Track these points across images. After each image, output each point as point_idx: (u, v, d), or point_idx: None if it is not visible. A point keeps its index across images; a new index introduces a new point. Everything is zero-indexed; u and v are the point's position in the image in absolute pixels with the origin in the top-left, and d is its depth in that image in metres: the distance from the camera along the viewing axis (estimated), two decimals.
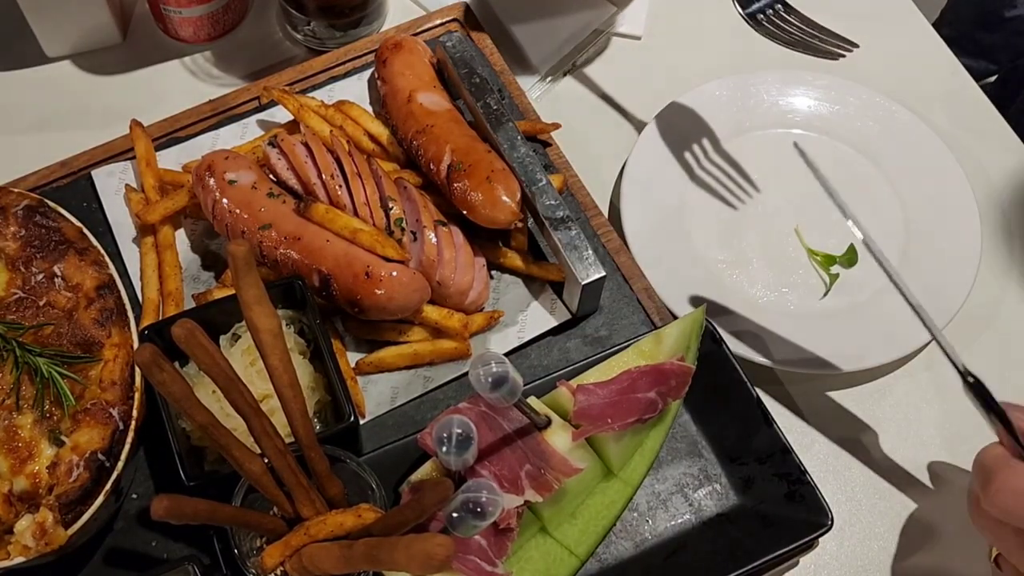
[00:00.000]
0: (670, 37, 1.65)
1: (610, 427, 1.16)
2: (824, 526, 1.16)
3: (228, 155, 1.31)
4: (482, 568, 1.10)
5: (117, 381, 1.17)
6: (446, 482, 0.93)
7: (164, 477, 1.21)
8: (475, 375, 1.02)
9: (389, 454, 1.19)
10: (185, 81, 1.57)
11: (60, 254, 1.25)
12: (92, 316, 1.21)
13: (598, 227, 1.40)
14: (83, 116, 1.52)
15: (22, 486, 1.11)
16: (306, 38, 1.58)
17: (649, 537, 1.21)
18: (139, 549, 1.18)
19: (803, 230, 1.46)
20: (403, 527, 0.98)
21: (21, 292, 1.21)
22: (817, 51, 1.36)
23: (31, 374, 1.15)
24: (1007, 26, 2.40)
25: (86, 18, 1.52)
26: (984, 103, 1.62)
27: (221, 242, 1.36)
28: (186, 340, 0.97)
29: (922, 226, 1.45)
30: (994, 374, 1.38)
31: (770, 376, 1.35)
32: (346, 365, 1.26)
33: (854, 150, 1.52)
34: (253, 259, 1.00)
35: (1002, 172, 1.54)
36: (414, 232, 1.27)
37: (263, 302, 1.00)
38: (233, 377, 0.99)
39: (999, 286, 1.45)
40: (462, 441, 1.02)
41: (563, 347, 1.32)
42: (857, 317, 1.38)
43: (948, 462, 1.32)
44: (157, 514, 0.92)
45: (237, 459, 1.01)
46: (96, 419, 1.14)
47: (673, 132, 1.51)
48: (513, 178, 1.29)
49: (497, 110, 1.36)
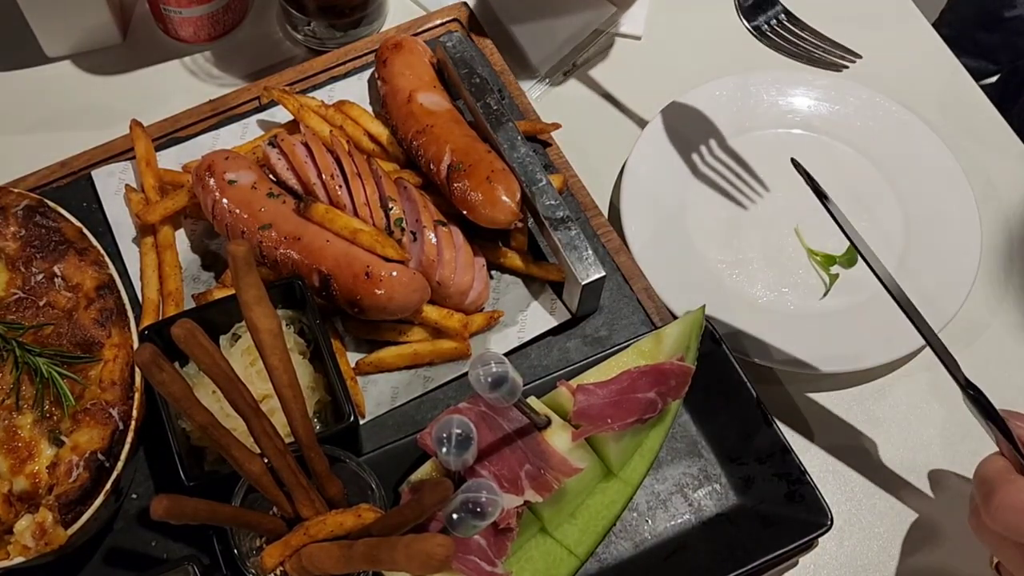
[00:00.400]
0: (670, 37, 1.65)
1: (610, 427, 1.16)
2: (824, 526, 1.16)
3: (228, 155, 1.31)
4: (482, 568, 1.10)
5: (117, 381, 1.17)
6: (446, 482, 0.93)
7: (164, 477, 1.21)
8: (475, 375, 1.02)
9: (389, 454, 1.19)
10: (185, 81, 1.57)
11: (60, 254, 1.25)
12: (92, 316, 1.21)
13: (598, 227, 1.39)
14: (83, 116, 1.52)
15: (22, 486, 1.11)
16: (306, 38, 1.58)
17: (649, 537, 1.21)
18: (139, 549, 1.18)
19: (803, 230, 1.46)
20: (403, 527, 0.98)
21: (21, 292, 1.21)
22: (820, 63, 1.36)
23: (31, 374, 1.15)
24: (1007, 26, 2.40)
25: (86, 18, 1.52)
26: (984, 103, 1.62)
27: (221, 242, 1.36)
28: (186, 340, 0.97)
29: (922, 226, 1.45)
30: (994, 374, 1.38)
31: (770, 376, 1.35)
32: (346, 365, 1.26)
33: (854, 150, 1.52)
34: (253, 259, 1.00)
35: (1002, 172, 1.54)
36: (414, 232, 1.27)
37: (263, 302, 1.00)
38: (233, 377, 0.99)
39: (999, 286, 1.45)
40: (462, 441, 1.02)
41: (563, 347, 1.32)
42: (857, 317, 1.38)
43: (948, 462, 1.32)
44: (157, 514, 0.92)
45: (237, 459, 1.01)
46: (96, 419, 1.14)
47: (673, 132, 1.51)
48: (513, 178, 1.29)
49: (497, 110, 1.36)
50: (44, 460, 1.12)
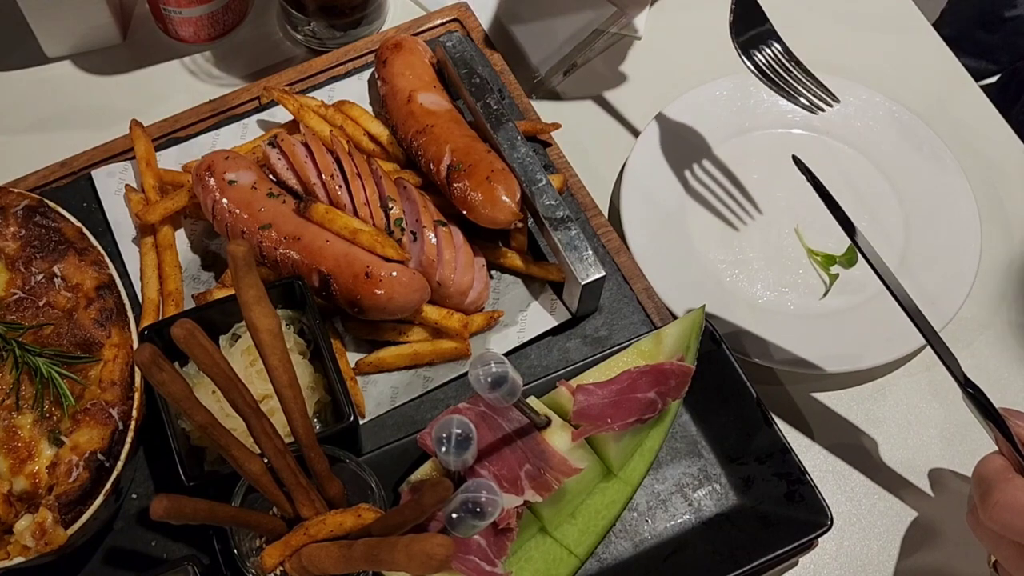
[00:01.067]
0: (670, 37, 1.65)
1: (610, 427, 1.16)
2: (824, 526, 1.16)
3: (228, 155, 1.31)
4: (482, 568, 1.10)
5: (117, 381, 1.17)
6: (445, 482, 0.93)
7: (164, 477, 1.21)
8: (475, 375, 1.02)
9: (389, 454, 1.19)
10: (185, 81, 1.57)
11: (60, 254, 1.25)
12: (92, 316, 1.21)
13: (598, 227, 1.40)
14: (83, 116, 1.52)
15: (22, 486, 1.11)
16: (306, 38, 1.58)
17: (649, 537, 1.21)
18: (139, 549, 1.18)
19: (803, 230, 1.46)
20: (402, 527, 0.98)
21: (21, 292, 1.21)
22: (798, 103, 1.36)
23: (31, 374, 1.15)
24: (1007, 26, 2.40)
25: (86, 18, 1.52)
26: (984, 103, 1.62)
27: (221, 242, 1.36)
28: (185, 340, 0.97)
29: (922, 226, 1.45)
30: (994, 374, 1.38)
31: (770, 376, 1.35)
32: (346, 365, 1.26)
33: (854, 150, 1.52)
34: (253, 259, 1.00)
35: (1002, 172, 1.54)
36: (414, 232, 1.27)
37: (263, 302, 1.00)
38: (233, 377, 0.99)
39: (999, 286, 1.45)
40: (462, 441, 1.02)
41: (563, 347, 1.32)
42: (857, 317, 1.38)
43: (947, 462, 1.32)
44: (156, 514, 0.92)
45: (237, 459, 1.01)
46: (96, 419, 1.14)
47: (673, 132, 1.51)
48: (513, 178, 1.29)
49: (497, 110, 1.36)
50: (44, 460, 1.12)
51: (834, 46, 1.65)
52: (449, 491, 0.93)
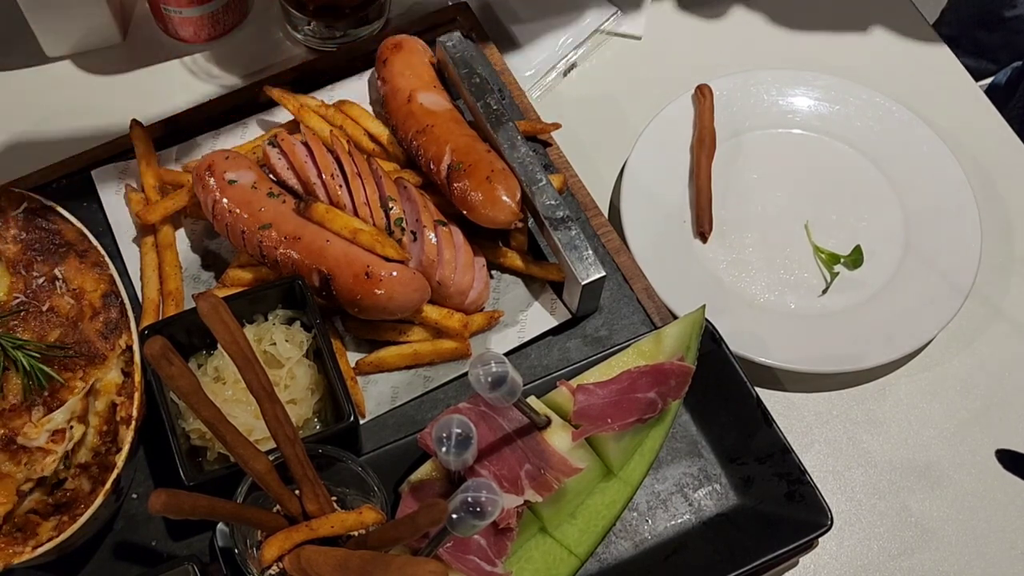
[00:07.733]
0: (670, 37, 1.65)
1: (610, 427, 1.16)
2: (824, 526, 1.15)
3: (228, 155, 1.31)
4: (482, 568, 1.10)
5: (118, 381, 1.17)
6: (441, 503, 0.92)
7: (164, 477, 1.21)
8: (475, 375, 1.02)
9: (389, 454, 1.19)
10: (185, 81, 1.57)
11: (60, 257, 1.25)
12: (97, 328, 1.21)
13: (598, 227, 1.39)
14: (83, 116, 1.52)
15: (28, 483, 1.11)
16: (306, 38, 1.58)
17: (649, 537, 1.21)
18: (139, 549, 1.18)
19: (811, 227, 1.45)
20: (397, 542, 0.99)
21: (23, 296, 1.21)
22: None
23: (32, 376, 1.15)
24: (1007, 26, 2.40)
25: (86, 18, 1.52)
26: (984, 103, 1.62)
27: (221, 242, 1.36)
28: (209, 314, 0.97)
29: (922, 226, 1.45)
30: (994, 374, 1.38)
31: (770, 376, 1.35)
32: (346, 365, 1.26)
33: (854, 150, 1.52)
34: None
35: (1002, 172, 1.54)
36: (414, 232, 1.27)
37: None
38: (251, 358, 0.99)
39: (999, 286, 1.45)
40: (462, 441, 1.02)
41: (563, 347, 1.32)
42: (857, 317, 1.38)
43: (947, 462, 1.32)
44: (155, 509, 0.91)
45: (242, 456, 1.00)
46: (97, 418, 1.14)
47: (673, 132, 1.51)
48: (513, 178, 1.29)
49: (497, 110, 1.36)
50: (49, 457, 1.12)
51: (834, 46, 1.65)
52: (444, 513, 0.92)
